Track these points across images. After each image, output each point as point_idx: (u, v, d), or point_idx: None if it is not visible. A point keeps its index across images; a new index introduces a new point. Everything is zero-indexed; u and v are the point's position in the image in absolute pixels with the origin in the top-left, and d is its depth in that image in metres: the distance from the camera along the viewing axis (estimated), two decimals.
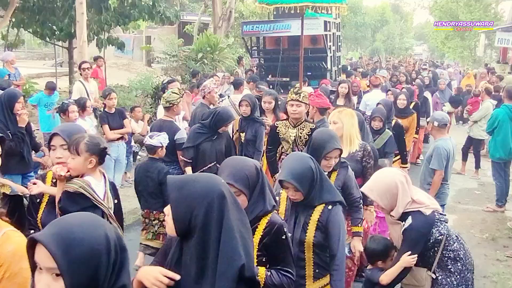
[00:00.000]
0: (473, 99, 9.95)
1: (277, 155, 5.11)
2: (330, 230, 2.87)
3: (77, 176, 2.96)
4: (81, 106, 6.32)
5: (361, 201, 3.88)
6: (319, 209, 2.88)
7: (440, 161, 5.31)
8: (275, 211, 2.52)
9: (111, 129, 6.97)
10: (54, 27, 12.15)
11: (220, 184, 1.89)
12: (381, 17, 46.39)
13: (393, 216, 3.05)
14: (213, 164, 5.16)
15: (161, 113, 6.43)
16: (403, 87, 9.52)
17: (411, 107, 8.21)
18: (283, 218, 3.00)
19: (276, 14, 14.04)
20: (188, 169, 5.30)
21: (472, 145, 9.48)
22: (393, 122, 6.65)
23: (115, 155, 7.02)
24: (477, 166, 9.41)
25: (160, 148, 4.82)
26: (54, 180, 3.10)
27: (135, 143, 8.78)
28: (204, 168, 5.10)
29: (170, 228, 1.85)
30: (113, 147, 6.91)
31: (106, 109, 7.09)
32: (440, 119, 5.47)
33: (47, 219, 2.89)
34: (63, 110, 5.98)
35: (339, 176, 3.70)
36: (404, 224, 3.01)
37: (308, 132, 4.74)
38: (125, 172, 8.20)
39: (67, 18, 11.59)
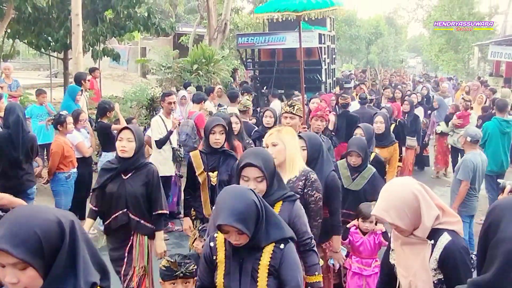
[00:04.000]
0: (464, 112, 9.68)
1: None
2: (286, 274, 2.37)
3: None
4: (75, 118, 6.31)
5: (313, 241, 3.03)
6: (268, 250, 2.37)
7: (466, 172, 5.70)
8: None
9: (112, 136, 6.95)
10: (49, 38, 12.17)
11: None
12: (375, 30, 46.74)
13: (416, 236, 2.38)
14: (121, 212, 3.86)
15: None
16: (382, 107, 8.81)
17: (392, 130, 7.17)
18: (224, 268, 2.42)
19: (270, 26, 14.16)
20: (88, 222, 4.00)
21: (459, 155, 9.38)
22: (371, 156, 5.09)
23: None
24: None
25: None
26: None
27: None
28: (109, 220, 3.91)
29: None
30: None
31: (103, 119, 7.06)
32: (474, 135, 5.84)
33: None
34: (60, 122, 5.94)
35: (282, 211, 2.88)
36: (432, 243, 2.35)
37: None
38: None
39: (63, 29, 11.62)
